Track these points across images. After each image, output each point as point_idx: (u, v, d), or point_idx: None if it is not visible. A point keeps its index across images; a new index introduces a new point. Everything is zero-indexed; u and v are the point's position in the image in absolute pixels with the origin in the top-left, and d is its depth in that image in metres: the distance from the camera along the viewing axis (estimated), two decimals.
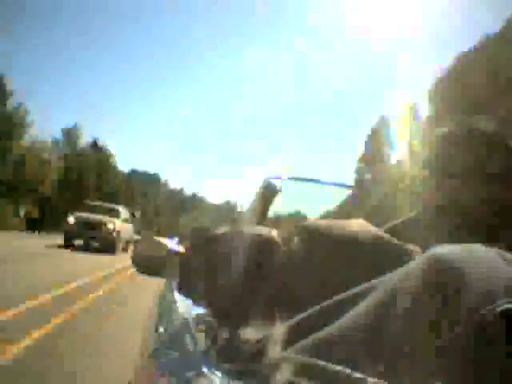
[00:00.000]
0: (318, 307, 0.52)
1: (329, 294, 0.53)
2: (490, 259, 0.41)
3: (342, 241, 0.66)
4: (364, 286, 0.49)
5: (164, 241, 1.60)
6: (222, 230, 0.91)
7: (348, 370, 0.40)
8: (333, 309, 0.49)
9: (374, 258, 0.63)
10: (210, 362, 0.74)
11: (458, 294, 0.37)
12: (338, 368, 0.41)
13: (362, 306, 0.45)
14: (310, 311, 0.52)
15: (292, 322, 0.54)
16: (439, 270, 0.40)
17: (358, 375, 0.39)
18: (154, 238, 1.65)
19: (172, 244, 1.59)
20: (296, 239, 0.73)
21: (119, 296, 6.36)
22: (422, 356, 0.37)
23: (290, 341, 0.51)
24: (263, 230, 0.82)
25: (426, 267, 0.41)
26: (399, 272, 0.45)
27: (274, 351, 0.52)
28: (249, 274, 0.73)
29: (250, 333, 0.65)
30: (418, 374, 0.37)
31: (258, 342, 0.59)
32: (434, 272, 0.40)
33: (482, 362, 0.34)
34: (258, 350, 0.56)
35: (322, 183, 1.43)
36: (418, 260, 0.43)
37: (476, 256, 0.41)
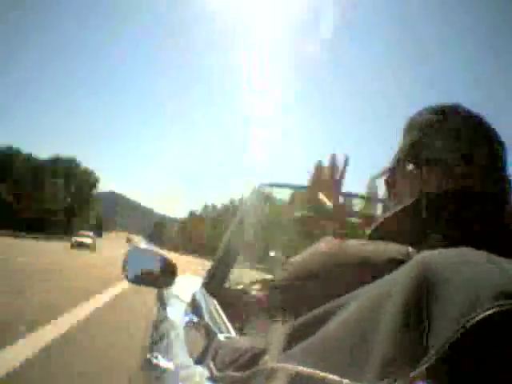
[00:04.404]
0: (308, 315, 0.52)
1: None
2: (479, 263, 0.41)
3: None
4: (353, 293, 0.49)
5: (149, 247, 1.59)
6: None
7: (338, 378, 0.40)
8: (322, 316, 0.49)
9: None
10: (203, 370, 0.74)
11: (447, 298, 0.37)
12: (330, 376, 0.41)
13: (349, 313, 0.46)
14: (300, 319, 0.53)
15: (283, 329, 0.54)
16: (427, 276, 0.40)
17: (347, 381, 0.40)
18: (142, 247, 1.63)
19: (153, 249, 1.58)
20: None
21: None
22: (410, 362, 0.37)
23: (282, 348, 0.51)
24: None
25: (413, 273, 0.41)
26: (387, 278, 0.45)
27: (268, 359, 0.52)
28: None
29: (243, 340, 0.65)
30: (407, 380, 0.37)
31: (251, 349, 0.59)
32: (422, 277, 0.40)
33: (472, 366, 0.35)
34: (252, 358, 0.56)
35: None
36: (406, 266, 0.43)
37: (464, 260, 0.41)
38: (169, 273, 1.54)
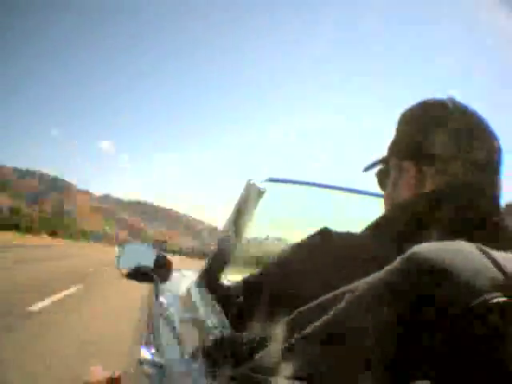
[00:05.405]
0: (302, 310, 0.52)
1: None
2: (471, 254, 0.41)
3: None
4: (347, 286, 0.49)
5: (149, 246, 1.58)
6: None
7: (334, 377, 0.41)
8: (316, 311, 0.49)
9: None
10: (199, 366, 0.74)
11: (443, 290, 0.37)
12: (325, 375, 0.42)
13: (343, 307, 0.45)
14: (295, 314, 0.53)
15: (280, 325, 0.54)
16: (420, 269, 0.40)
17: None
18: (139, 244, 1.63)
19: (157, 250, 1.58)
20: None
21: None
22: (408, 354, 0.38)
23: (278, 343, 0.51)
24: None
25: (406, 266, 0.41)
26: (380, 273, 0.45)
27: (264, 354, 0.52)
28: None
29: (239, 336, 0.65)
30: (405, 371, 0.38)
31: (247, 344, 0.59)
32: (414, 271, 0.40)
33: (472, 354, 0.35)
34: (248, 353, 0.56)
35: (306, 184, 1.43)
36: (398, 260, 0.43)
37: (456, 252, 0.41)
38: (164, 268, 1.53)
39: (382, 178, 0.78)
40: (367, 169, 0.81)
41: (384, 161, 0.77)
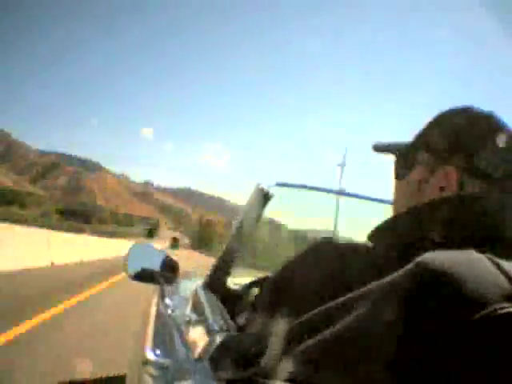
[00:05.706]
0: (308, 315, 0.52)
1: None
2: (480, 264, 0.41)
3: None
4: (353, 293, 0.49)
5: (157, 248, 1.60)
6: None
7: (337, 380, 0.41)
8: (322, 317, 0.49)
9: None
10: (203, 368, 0.74)
11: (451, 299, 0.37)
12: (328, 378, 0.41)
13: (349, 315, 0.45)
14: (301, 318, 0.53)
15: (284, 329, 0.54)
16: (428, 277, 0.40)
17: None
18: (146, 245, 1.64)
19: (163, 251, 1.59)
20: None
21: None
22: (412, 363, 0.37)
23: (283, 347, 0.51)
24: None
25: (413, 275, 0.41)
26: (387, 280, 0.45)
27: (268, 357, 0.52)
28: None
29: (244, 339, 0.65)
30: (408, 379, 0.37)
31: (252, 347, 0.59)
32: (422, 279, 0.40)
33: (482, 366, 0.35)
34: (253, 356, 0.56)
35: (314, 189, 1.43)
36: (407, 268, 0.43)
37: (465, 261, 0.41)
38: (170, 270, 1.54)
39: (402, 167, 0.74)
40: (378, 149, 0.78)
41: (405, 150, 0.74)
